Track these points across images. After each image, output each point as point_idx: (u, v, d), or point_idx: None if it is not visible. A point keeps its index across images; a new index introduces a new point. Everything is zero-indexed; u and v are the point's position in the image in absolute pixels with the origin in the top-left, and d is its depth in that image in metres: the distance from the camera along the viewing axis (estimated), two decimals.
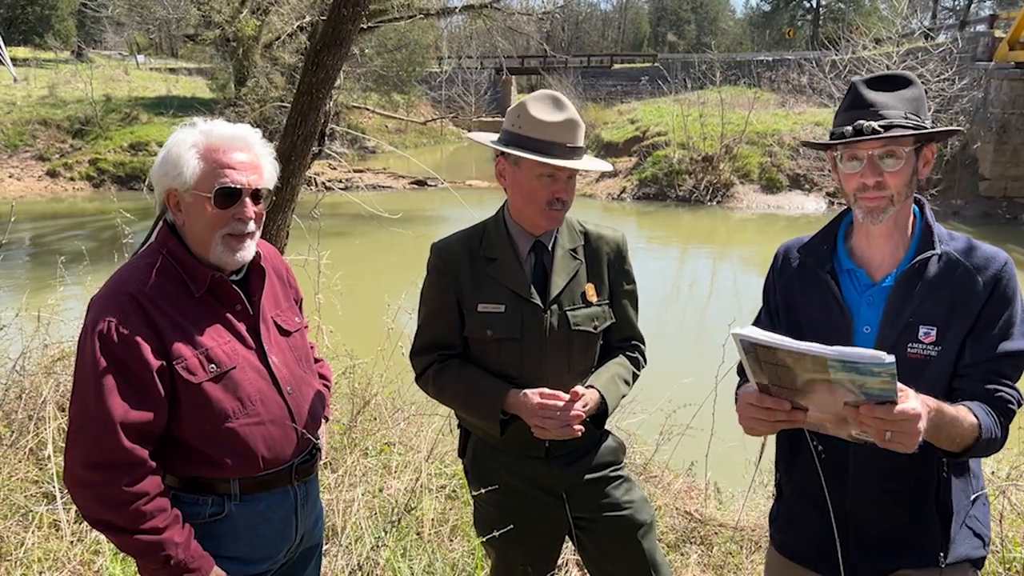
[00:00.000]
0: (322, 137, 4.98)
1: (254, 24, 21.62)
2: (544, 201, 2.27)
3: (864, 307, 1.97)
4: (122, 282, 1.89)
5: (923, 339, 1.87)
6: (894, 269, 1.95)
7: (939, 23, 41.60)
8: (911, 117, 1.86)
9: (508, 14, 24.63)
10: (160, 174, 1.92)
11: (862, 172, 1.88)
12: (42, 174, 24.53)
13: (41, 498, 3.52)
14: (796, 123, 24.79)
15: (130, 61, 42.83)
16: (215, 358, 1.90)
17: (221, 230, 1.91)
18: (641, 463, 4.58)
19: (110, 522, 1.79)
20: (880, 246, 1.97)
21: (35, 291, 6.25)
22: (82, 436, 1.78)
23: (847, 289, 2.01)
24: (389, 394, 4.94)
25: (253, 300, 2.03)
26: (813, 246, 2.10)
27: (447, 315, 2.37)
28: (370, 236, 15.40)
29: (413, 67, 34.14)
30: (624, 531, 2.42)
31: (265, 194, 1.99)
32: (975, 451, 1.79)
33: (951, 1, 53.70)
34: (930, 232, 1.94)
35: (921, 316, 1.87)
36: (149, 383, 1.81)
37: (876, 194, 1.88)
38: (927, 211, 1.99)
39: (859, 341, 1.93)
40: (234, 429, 1.92)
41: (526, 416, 2.25)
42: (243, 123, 2.04)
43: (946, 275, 1.89)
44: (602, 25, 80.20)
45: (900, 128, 1.83)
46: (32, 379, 4.26)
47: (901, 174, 1.87)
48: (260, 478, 1.99)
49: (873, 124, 1.84)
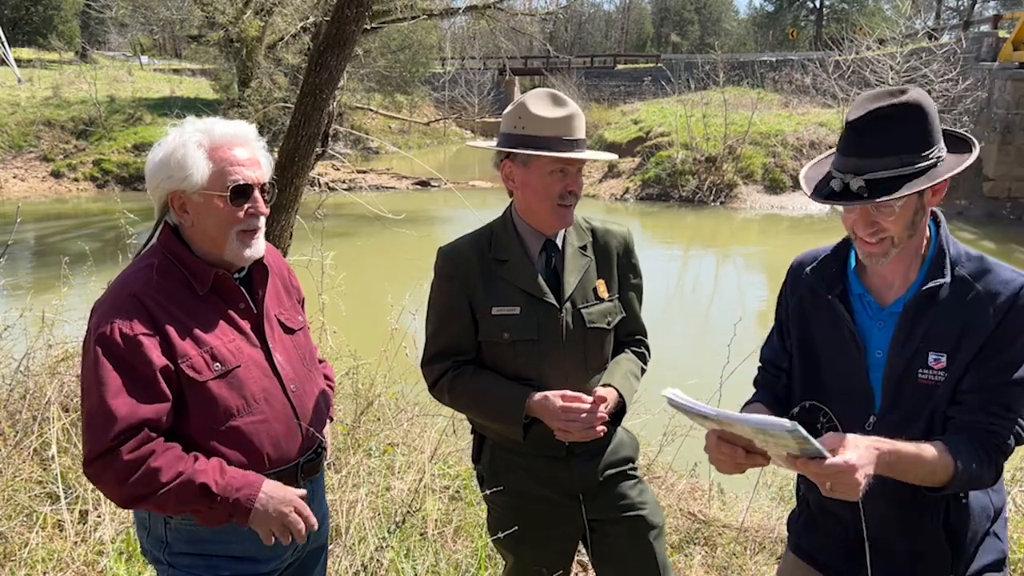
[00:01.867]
0: (325, 138, 4.98)
1: (258, 25, 21.67)
2: (557, 196, 2.26)
3: (876, 331, 1.89)
4: (125, 284, 1.89)
5: (933, 365, 1.80)
6: (904, 292, 1.87)
7: (943, 23, 41.50)
8: (905, 167, 1.70)
9: (511, 15, 24.66)
10: (163, 177, 1.90)
11: (855, 219, 1.78)
12: (46, 175, 24.58)
13: (45, 498, 3.52)
14: (800, 124, 24.76)
15: (134, 62, 42.96)
16: (220, 356, 1.90)
17: (236, 227, 1.92)
18: (645, 464, 4.58)
19: (138, 493, 1.76)
20: (891, 268, 1.87)
21: (39, 292, 6.26)
22: (90, 434, 1.78)
23: (859, 313, 1.93)
24: (392, 395, 4.95)
25: (257, 298, 2.04)
26: (821, 269, 2.00)
27: (459, 320, 2.35)
28: (374, 237, 15.41)
29: (416, 68, 34.14)
30: (638, 532, 2.42)
31: (269, 188, 2.00)
32: (953, 486, 1.74)
33: (955, 1, 53.59)
34: (942, 255, 1.83)
35: (931, 342, 1.80)
36: (154, 383, 1.80)
37: (874, 239, 1.77)
38: (943, 229, 1.88)
39: (872, 365, 1.88)
40: (239, 427, 1.91)
41: (548, 419, 2.23)
42: (245, 122, 2.04)
43: (958, 300, 1.80)
44: (605, 26, 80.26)
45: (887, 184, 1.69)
46: (36, 379, 4.26)
47: (899, 220, 1.75)
48: (266, 476, 1.98)
49: (861, 181, 1.70)
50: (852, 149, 1.74)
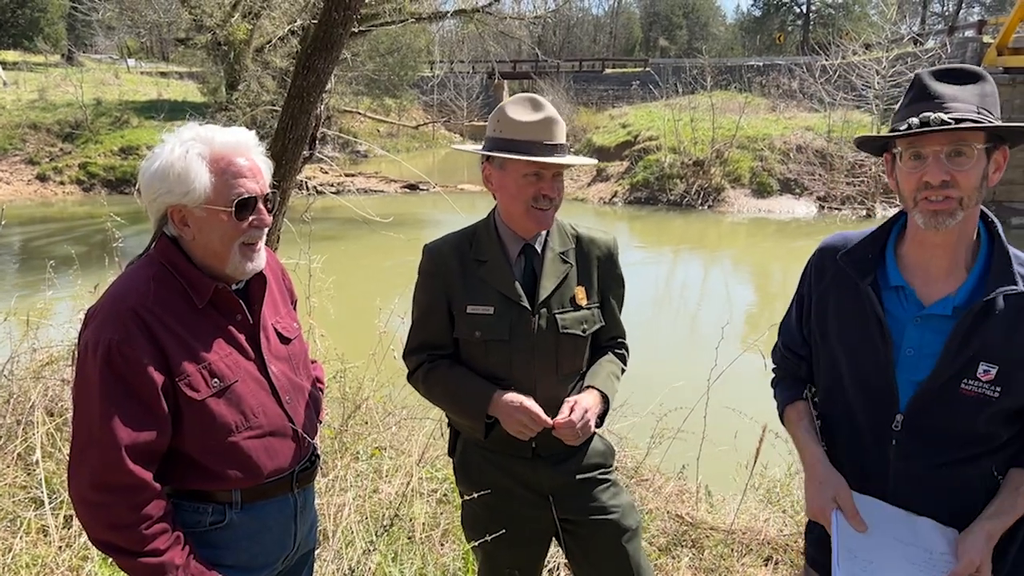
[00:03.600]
0: (313, 141, 4.97)
1: (245, 28, 21.60)
2: (531, 200, 2.27)
3: (911, 328, 1.78)
4: (122, 295, 1.81)
5: (981, 376, 1.70)
6: (953, 291, 1.75)
7: (928, 28, 41.85)
8: (983, 112, 1.66)
9: (500, 18, 24.69)
10: (162, 191, 1.81)
11: (926, 170, 1.67)
12: (31, 178, 24.40)
13: (29, 503, 3.49)
14: (787, 128, 24.90)
15: (121, 65, 42.72)
16: (218, 372, 1.86)
17: (239, 240, 1.87)
18: (632, 466, 4.58)
19: (114, 544, 1.76)
20: (938, 259, 1.76)
21: (24, 295, 6.21)
22: (86, 457, 1.75)
23: (893, 307, 1.81)
24: (380, 398, 4.93)
25: (253, 309, 1.99)
26: (856, 253, 1.87)
27: (437, 316, 2.39)
28: (362, 240, 15.38)
29: (405, 71, 34.14)
30: (609, 536, 2.42)
31: (271, 197, 1.95)
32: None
33: (940, 7, 54.03)
34: (1006, 259, 1.72)
35: (985, 353, 1.70)
36: (153, 401, 1.77)
37: (943, 193, 1.66)
38: (998, 229, 1.77)
39: (900, 363, 1.79)
40: (237, 443, 1.89)
41: (504, 420, 2.26)
42: (235, 126, 1.99)
43: (1017, 309, 1.69)
44: (594, 30, 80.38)
45: (971, 123, 1.62)
46: (21, 384, 4.23)
47: (972, 173, 1.66)
48: (262, 487, 1.97)
49: (942, 116, 1.63)
50: (928, 93, 1.69)
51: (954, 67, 1.72)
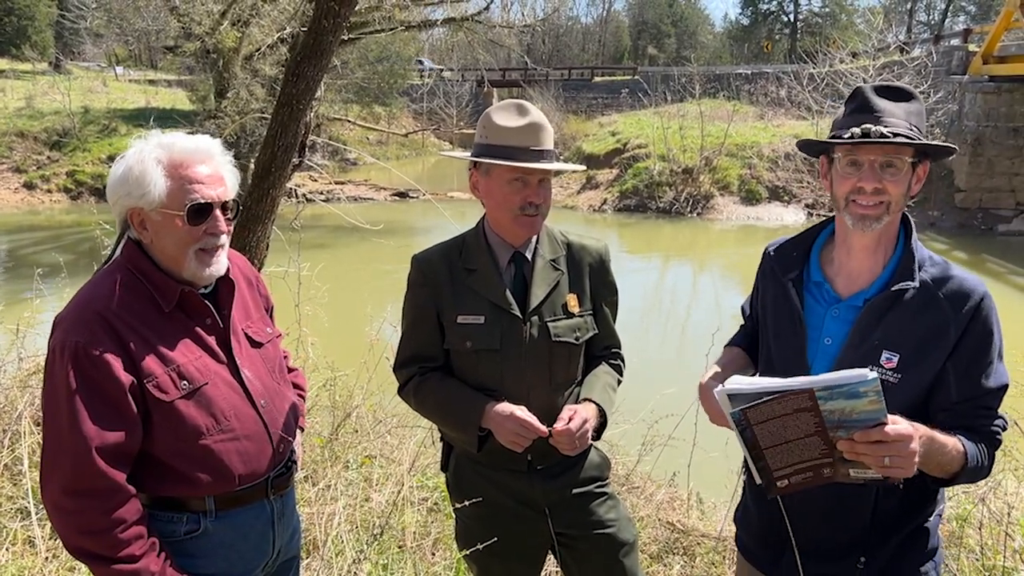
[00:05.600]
0: (303, 149, 4.96)
1: (234, 36, 21.53)
2: (517, 206, 2.25)
3: (829, 320, 1.95)
4: (88, 300, 1.84)
5: (884, 364, 1.84)
6: (867, 286, 1.92)
7: (914, 37, 42.15)
8: (913, 128, 1.83)
9: (489, 27, 24.71)
10: (122, 193, 1.86)
11: (861, 177, 1.84)
12: (19, 186, 24.25)
13: (15, 514, 3.46)
14: (775, 135, 25.03)
15: (109, 72, 42.58)
16: (187, 374, 1.86)
17: (194, 246, 1.88)
18: (623, 474, 4.58)
19: (88, 550, 1.76)
20: (860, 260, 1.93)
21: (11, 304, 6.16)
22: (58, 462, 1.74)
23: (809, 301, 1.99)
24: (371, 406, 4.92)
25: (223, 313, 1.99)
26: (783, 252, 2.09)
27: (427, 327, 2.36)
28: (352, 248, 15.37)
29: (394, 79, 34.12)
30: (607, 550, 2.40)
31: (232, 205, 1.95)
32: (962, 478, 1.80)
33: (926, 16, 54.49)
34: (911, 258, 1.89)
35: (887, 341, 1.85)
36: (121, 402, 1.77)
37: (874, 199, 1.83)
38: (913, 232, 1.95)
39: (818, 353, 1.94)
40: (208, 446, 1.88)
41: (498, 432, 2.22)
42: (223, 135, 2.00)
43: (921, 303, 1.85)
44: (583, 38, 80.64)
45: (905, 138, 1.80)
46: (7, 393, 4.20)
47: (900, 183, 1.83)
48: (236, 493, 1.96)
49: (881, 129, 1.79)
50: (869, 106, 1.84)
51: (892, 84, 1.90)
